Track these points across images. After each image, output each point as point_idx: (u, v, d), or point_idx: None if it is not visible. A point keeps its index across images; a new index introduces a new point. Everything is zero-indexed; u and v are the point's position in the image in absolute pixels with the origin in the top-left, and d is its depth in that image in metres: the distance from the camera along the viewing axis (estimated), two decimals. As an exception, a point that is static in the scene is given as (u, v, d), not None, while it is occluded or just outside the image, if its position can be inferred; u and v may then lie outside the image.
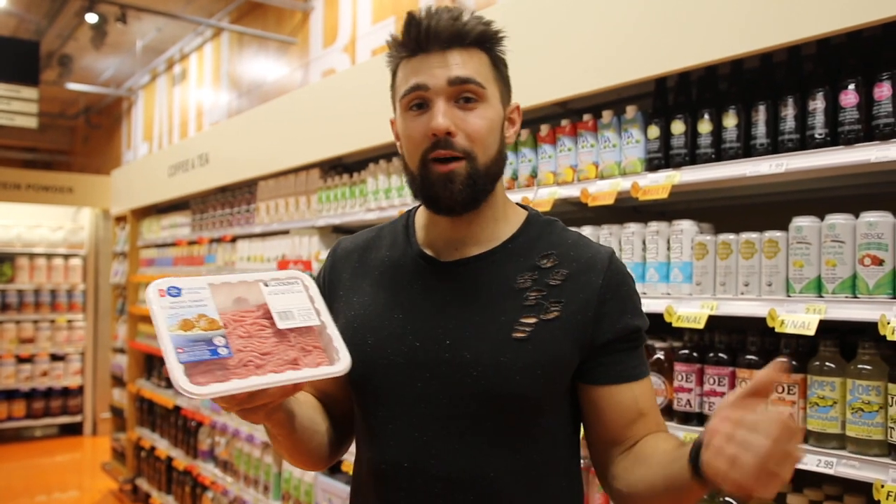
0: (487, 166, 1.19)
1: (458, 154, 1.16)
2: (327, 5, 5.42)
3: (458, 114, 1.17)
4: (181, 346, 0.97)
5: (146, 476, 5.86)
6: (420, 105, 1.19)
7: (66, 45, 7.98)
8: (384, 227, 1.39)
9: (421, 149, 1.18)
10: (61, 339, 8.53)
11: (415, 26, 1.18)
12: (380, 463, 1.22)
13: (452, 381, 1.16)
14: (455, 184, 1.16)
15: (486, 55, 1.22)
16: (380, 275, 1.30)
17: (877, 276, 1.68)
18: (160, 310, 1.01)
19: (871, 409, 1.68)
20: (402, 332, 1.21)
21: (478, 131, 1.18)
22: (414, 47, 1.19)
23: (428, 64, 1.18)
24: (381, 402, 1.22)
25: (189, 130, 7.60)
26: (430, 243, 1.28)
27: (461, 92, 1.17)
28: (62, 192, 8.36)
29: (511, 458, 1.18)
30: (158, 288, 1.03)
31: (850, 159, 1.71)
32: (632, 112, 2.20)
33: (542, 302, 1.18)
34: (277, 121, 4.15)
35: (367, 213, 3.30)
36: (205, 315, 1.03)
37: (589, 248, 1.25)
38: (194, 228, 5.29)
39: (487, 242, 1.25)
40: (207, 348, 0.99)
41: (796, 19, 1.78)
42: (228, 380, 0.98)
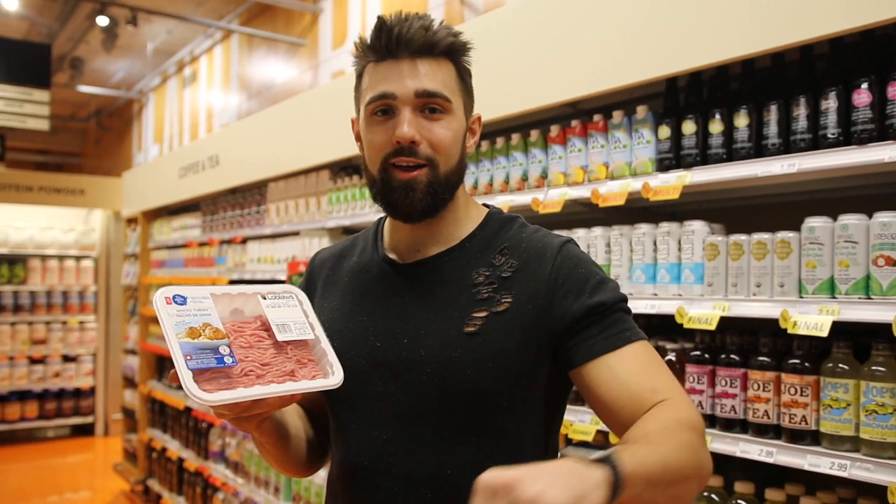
0: (448, 175, 1.21)
1: (421, 161, 1.18)
2: (336, 7, 5.43)
3: (424, 123, 1.19)
4: (189, 354, 1.02)
5: (157, 477, 5.88)
6: (385, 111, 1.20)
7: (77, 47, 8.03)
8: (359, 236, 1.42)
9: (383, 153, 1.19)
10: (73, 340, 8.57)
11: (385, 32, 1.18)
12: (343, 462, 1.25)
13: (410, 380, 1.18)
14: (416, 192, 1.18)
15: (453, 66, 1.23)
16: (348, 281, 1.33)
17: (891, 276, 1.66)
18: (168, 317, 1.05)
19: (885, 411, 1.66)
20: (364, 333, 1.24)
21: (441, 141, 1.19)
22: (383, 53, 1.20)
23: (396, 72, 1.18)
24: (345, 402, 1.25)
25: (199, 132, 7.63)
26: (394, 247, 1.31)
27: (427, 103, 1.19)
28: (74, 193, 8.40)
29: (470, 456, 1.17)
30: (165, 296, 1.08)
31: (863, 159, 1.70)
32: (642, 112, 2.19)
33: (493, 295, 1.19)
34: (287, 122, 4.15)
35: (377, 215, 3.30)
36: (209, 324, 1.07)
37: (542, 238, 1.25)
38: (205, 230, 5.31)
39: (447, 242, 1.27)
40: (214, 356, 1.03)
41: (808, 18, 1.76)
42: (234, 388, 1.02)
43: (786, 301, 1.83)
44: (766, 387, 1.89)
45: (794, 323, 1.77)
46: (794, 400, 1.82)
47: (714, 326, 1.92)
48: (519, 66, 2.53)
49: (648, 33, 2.12)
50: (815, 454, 1.75)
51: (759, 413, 1.89)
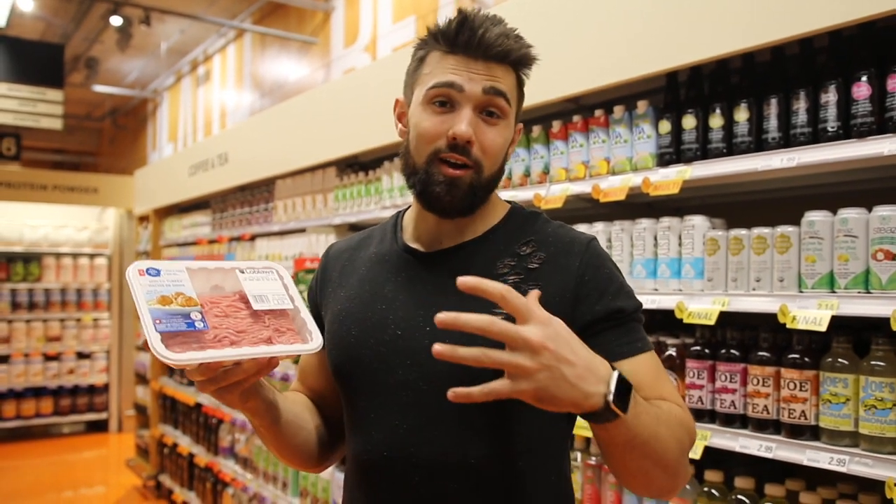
0: (489, 179, 1.22)
1: (470, 163, 1.18)
2: (348, 5, 5.45)
3: (481, 126, 1.19)
4: (159, 318, 1.00)
5: (169, 472, 5.93)
6: (444, 103, 1.19)
7: (92, 48, 8.11)
8: (375, 229, 1.42)
9: (433, 146, 1.19)
10: (87, 337, 8.64)
11: (468, 28, 1.18)
12: (362, 453, 1.23)
13: (431, 369, 1.16)
14: (458, 190, 1.19)
15: (515, 76, 1.24)
16: (366, 270, 1.32)
17: (890, 270, 1.65)
18: (139, 286, 1.04)
19: (884, 406, 1.65)
20: (384, 322, 1.23)
21: (493, 147, 1.20)
22: (460, 47, 1.19)
23: (468, 67, 1.18)
24: (364, 391, 1.23)
25: (213, 131, 7.68)
26: (417, 237, 1.30)
27: (490, 104, 1.19)
28: (87, 192, 8.48)
29: (493, 445, 1.17)
30: (138, 268, 1.07)
31: (862, 152, 1.69)
32: (643, 107, 2.18)
33: (519, 285, 1.18)
34: (294, 120, 4.17)
35: (382, 211, 3.31)
36: (182, 293, 1.06)
37: (569, 233, 1.26)
38: (214, 227, 5.34)
39: (471, 233, 1.27)
40: (184, 321, 1.02)
41: (808, 11, 1.76)
42: (204, 350, 1.00)
43: (785, 296, 1.82)
44: (765, 382, 1.88)
45: (792, 317, 1.76)
46: (793, 395, 1.81)
47: (714, 321, 1.92)
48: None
49: (649, 28, 2.12)
50: (815, 449, 1.75)
51: (758, 408, 1.89)
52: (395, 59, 3.44)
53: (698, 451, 1.94)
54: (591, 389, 0.93)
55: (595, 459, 2.28)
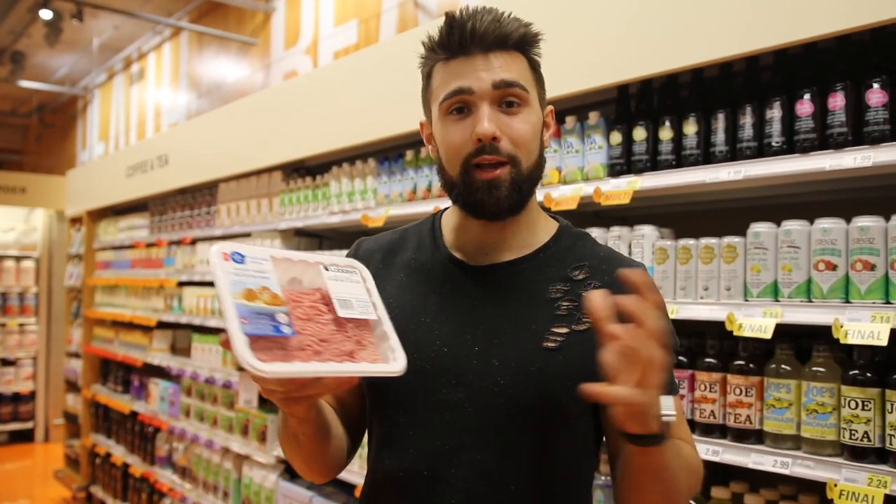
0: (530, 171, 1.17)
1: (504, 159, 1.14)
2: (289, 6, 5.39)
3: (503, 118, 1.15)
4: (245, 317, 0.90)
5: (101, 483, 5.74)
6: (461, 109, 1.16)
7: (18, 41, 7.79)
8: (408, 230, 1.36)
9: (462, 154, 1.15)
10: (12, 343, 8.31)
11: (458, 27, 1.15)
12: (398, 470, 1.18)
13: (479, 389, 1.12)
14: (500, 189, 1.14)
15: (525, 58, 1.19)
16: (405, 277, 1.27)
17: (830, 280, 1.73)
18: (224, 274, 0.93)
19: (824, 410, 1.73)
20: (429, 336, 1.18)
21: (522, 136, 1.15)
22: (455, 49, 1.16)
23: (471, 66, 1.15)
24: (403, 407, 1.18)
25: (147, 131, 7.48)
26: (460, 247, 1.26)
27: (505, 96, 1.15)
28: (14, 192, 8.16)
29: (533, 472, 1.14)
30: (223, 251, 0.96)
31: (805, 167, 1.76)
32: (595, 118, 2.23)
33: (574, 312, 1.16)
34: (239, 122, 4.10)
35: (330, 217, 3.29)
36: (268, 288, 0.96)
37: (621, 262, 1.23)
38: (153, 230, 5.21)
39: (519, 249, 1.23)
40: (271, 324, 0.92)
41: (755, 31, 1.82)
42: (290, 361, 0.91)
43: (732, 304, 1.89)
44: (712, 387, 1.94)
45: (739, 325, 1.82)
46: (739, 400, 1.87)
47: (663, 329, 1.97)
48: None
49: (601, 41, 2.16)
50: (759, 453, 1.81)
51: (705, 413, 1.94)
52: (343, 64, 3.42)
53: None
54: (654, 412, 0.94)
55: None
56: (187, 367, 4.38)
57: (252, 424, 3.70)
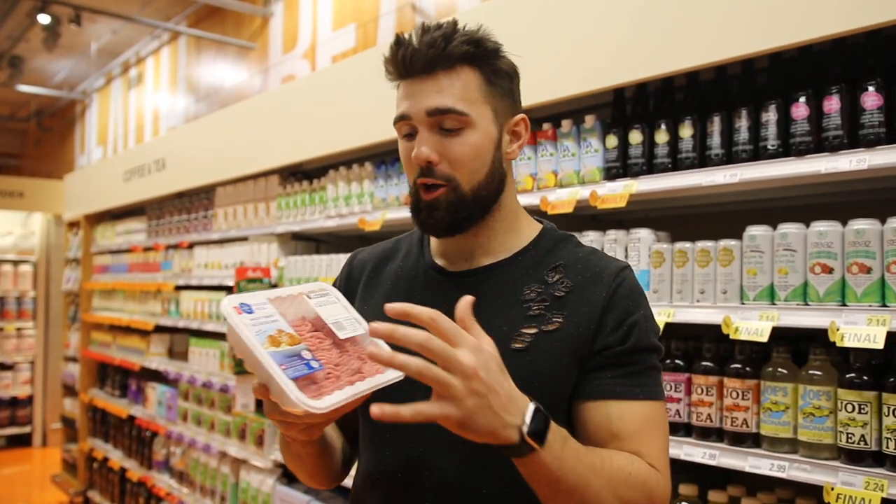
0: (475, 190, 1.18)
1: (440, 182, 1.16)
2: (287, 11, 5.39)
3: (443, 141, 1.16)
4: (282, 363, 0.95)
5: (98, 488, 5.73)
6: (409, 133, 1.19)
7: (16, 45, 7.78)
8: (402, 239, 1.39)
9: (412, 175, 1.20)
10: (10, 347, 8.30)
11: (401, 51, 1.16)
12: (374, 473, 1.21)
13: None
14: (438, 211, 1.17)
15: (477, 73, 1.18)
16: (391, 285, 1.30)
17: (826, 283, 1.72)
18: (246, 327, 0.97)
19: (821, 413, 1.72)
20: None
21: (460, 159, 1.16)
22: (401, 73, 1.18)
23: (412, 91, 1.17)
24: None
25: (145, 135, 7.48)
26: (443, 253, 1.29)
27: (440, 122, 1.16)
28: (12, 196, 8.15)
29: (506, 473, 1.09)
30: (234, 305, 1.01)
31: (801, 170, 1.76)
32: (590, 121, 2.23)
33: (544, 313, 1.17)
34: (236, 126, 4.10)
35: (326, 221, 3.28)
36: (283, 330, 1.01)
37: (599, 261, 1.22)
38: (150, 234, 5.20)
39: (498, 253, 1.25)
40: (302, 363, 0.98)
41: (750, 34, 1.82)
42: (322, 392, 0.96)
43: (728, 307, 1.88)
44: (709, 391, 1.93)
45: (736, 329, 1.82)
46: (735, 403, 1.87)
47: (660, 332, 1.96)
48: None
49: (597, 44, 2.16)
50: (756, 456, 1.80)
51: (702, 416, 1.94)
52: (341, 69, 3.42)
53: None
54: (509, 420, 0.92)
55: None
56: (185, 371, 4.37)
57: (249, 428, 3.69)
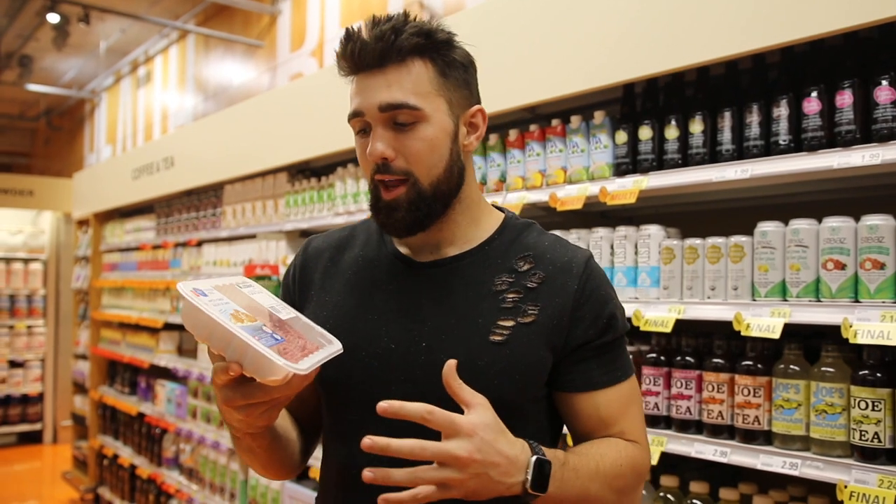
0: (434, 185, 1.17)
1: (399, 177, 1.15)
2: (295, 9, 5.39)
3: (397, 136, 1.15)
4: (254, 335, 0.96)
5: (108, 484, 5.75)
6: (363, 129, 1.18)
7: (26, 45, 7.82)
8: (357, 227, 1.37)
9: (369, 172, 1.18)
10: (21, 345, 8.34)
11: (350, 45, 1.14)
12: (350, 467, 1.18)
13: (429, 385, 1.12)
14: (398, 211, 1.16)
15: (429, 64, 1.16)
16: (352, 275, 1.28)
17: (839, 280, 1.71)
18: (210, 306, 0.98)
19: (834, 410, 1.71)
20: (376, 333, 1.19)
21: (416, 154, 1.15)
22: (353, 68, 1.17)
23: (364, 86, 1.15)
24: (353, 404, 1.19)
25: (154, 133, 7.50)
26: (407, 242, 1.26)
27: (392, 117, 1.15)
28: (22, 195, 8.19)
29: None
30: (192, 289, 1.01)
31: (812, 165, 1.74)
32: (600, 117, 2.21)
33: (519, 305, 1.17)
34: (244, 124, 4.11)
35: (335, 218, 3.28)
36: (239, 310, 1.02)
37: (566, 250, 1.24)
38: (159, 232, 5.22)
39: (463, 244, 1.25)
40: (267, 334, 1.00)
41: (761, 28, 1.81)
42: (296, 360, 0.98)
43: (739, 304, 1.87)
44: (720, 388, 1.92)
45: (747, 325, 1.80)
46: (747, 401, 1.86)
47: (670, 329, 1.95)
48: (478, 70, 2.53)
49: (606, 39, 2.15)
50: (768, 454, 1.79)
51: (713, 414, 1.93)
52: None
53: (655, 457, 1.97)
54: (512, 481, 0.98)
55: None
56: (194, 368, 4.38)
57: (258, 426, 3.69)
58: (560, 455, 1.05)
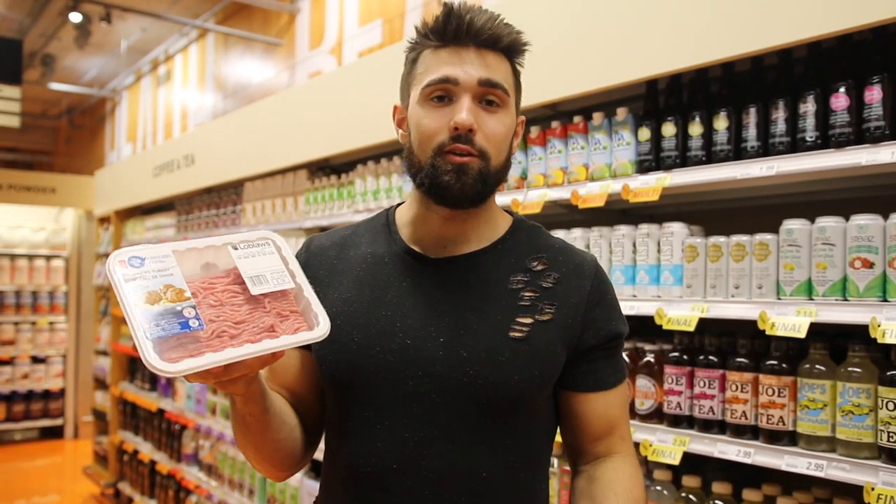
0: (498, 169, 1.20)
1: (475, 151, 1.16)
2: (314, 7, 5.40)
3: (481, 114, 1.17)
4: (149, 322, 0.91)
5: (129, 480, 5.79)
6: (441, 98, 1.17)
7: (49, 44, 7.90)
8: (360, 225, 1.37)
9: (436, 140, 1.16)
10: (42, 341, 8.42)
11: (455, 18, 1.16)
12: (364, 465, 1.17)
13: (447, 380, 1.14)
14: (468, 176, 1.15)
15: (509, 63, 1.23)
16: (361, 271, 1.26)
17: (867, 278, 1.68)
18: (123, 282, 0.93)
19: (861, 411, 1.68)
20: (390, 329, 1.18)
21: (496, 134, 1.18)
22: (449, 38, 1.18)
23: (460, 58, 1.17)
24: (368, 402, 1.18)
25: (174, 131, 7.55)
26: (418, 240, 1.26)
27: (487, 94, 1.17)
28: (45, 192, 8.27)
29: (503, 457, 1.18)
30: (119, 259, 0.96)
31: (840, 162, 1.71)
32: (622, 114, 2.19)
33: (536, 303, 1.20)
34: (264, 122, 4.12)
35: (354, 215, 3.28)
36: (171, 285, 0.96)
37: (575, 254, 1.28)
38: (179, 230, 5.25)
39: (477, 242, 1.26)
40: (177, 321, 0.93)
41: (787, 22, 1.78)
42: (202, 353, 0.92)
43: (764, 302, 1.85)
44: (744, 388, 1.90)
45: (772, 324, 1.78)
46: (771, 401, 1.83)
47: (693, 328, 1.93)
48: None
49: (628, 35, 2.13)
50: (793, 454, 1.77)
51: (736, 414, 1.90)
52: (368, 62, 3.41)
53: (677, 457, 1.95)
54: None
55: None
56: (213, 365, 4.39)
57: (277, 423, 3.70)
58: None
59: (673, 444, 1.98)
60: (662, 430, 2.03)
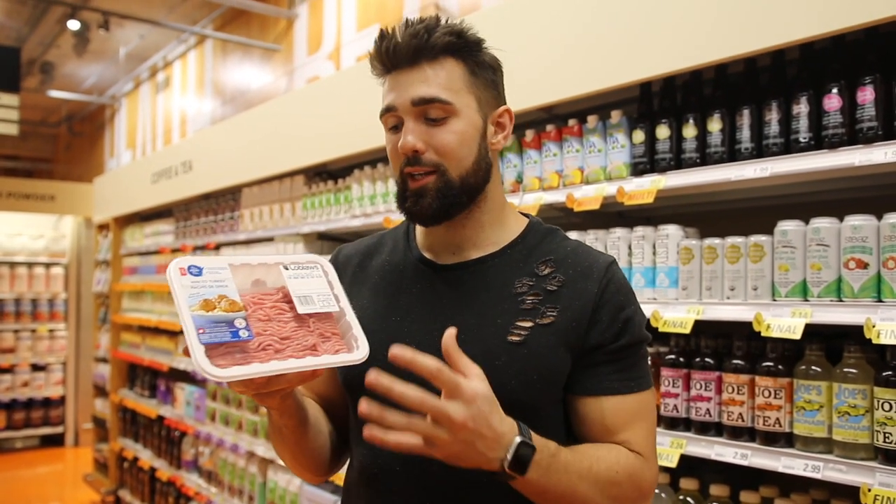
0: (462, 177, 1.19)
1: (429, 168, 1.18)
2: (312, 13, 5.41)
3: (428, 130, 1.18)
4: (202, 327, 0.96)
5: (129, 487, 5.79)
6: (395, 126, 1.21)
7: (47, 52, 7.91)
8: (386, 234, 1.40)
9: (398, 166, 1.21)
10: (42, 348, 8.42)
11: (385, 44, 1.18)
12: (372, 467, 1.21)
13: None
14: (425, 198, 1.18)
15: (460, 63, 1.20)
16: (379, 279, 1.31)
17: (861, 279, 1.68)
18: (181, 288, 0.99)
19: (857, 412, 1.68)
20: (398, 334, 1.21)
21: (446, 146, 1.18)
22: (387, 66, 1.20)
23: (397, 83, 1.19)
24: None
25: (173, 138, 7.55)
26: (430, 247, 1.30)
27: (425, 111, 1.18)
28: (44, 200, 8.27)
29: None
30: (179, 266, 1.02)
31: (833, 163, 1.72)
32: (617, 117, 2.20)
33: (538, 306, 1.19)
34: (261, 127, 4.12)
35: (352, 220, 3.28)
36: (225, 296, 1.02)
37: (588, 255, 1.25)
38: (178, 236, 5.25)
39: (486, 247, 1.26)
40: (228, 330, 0.98)
41: (780, 24, 1.78)
42: (249, 363, 0.97)
43: (759, 304, 1.85)
44: (740, 389, 1.90)
45: (767, 326, 1.78)
46: (768, 402, 1.83)
47: (689, 330, 1.93)
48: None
49: (622, 38, 2.13)
50: (789, 456, 1.76)
51: (733, 416, 1.90)
52: (365, 68, 3.41)
53: (674, 460, 1.95)
54: (493, 456, 0.98)
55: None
56: (212, 371, 4.39)
57: (276, 428, 3.70)
58: (552, 446, 1.05)
59: (670, 446, 1.98)
60: (659, 432, 2.03)
